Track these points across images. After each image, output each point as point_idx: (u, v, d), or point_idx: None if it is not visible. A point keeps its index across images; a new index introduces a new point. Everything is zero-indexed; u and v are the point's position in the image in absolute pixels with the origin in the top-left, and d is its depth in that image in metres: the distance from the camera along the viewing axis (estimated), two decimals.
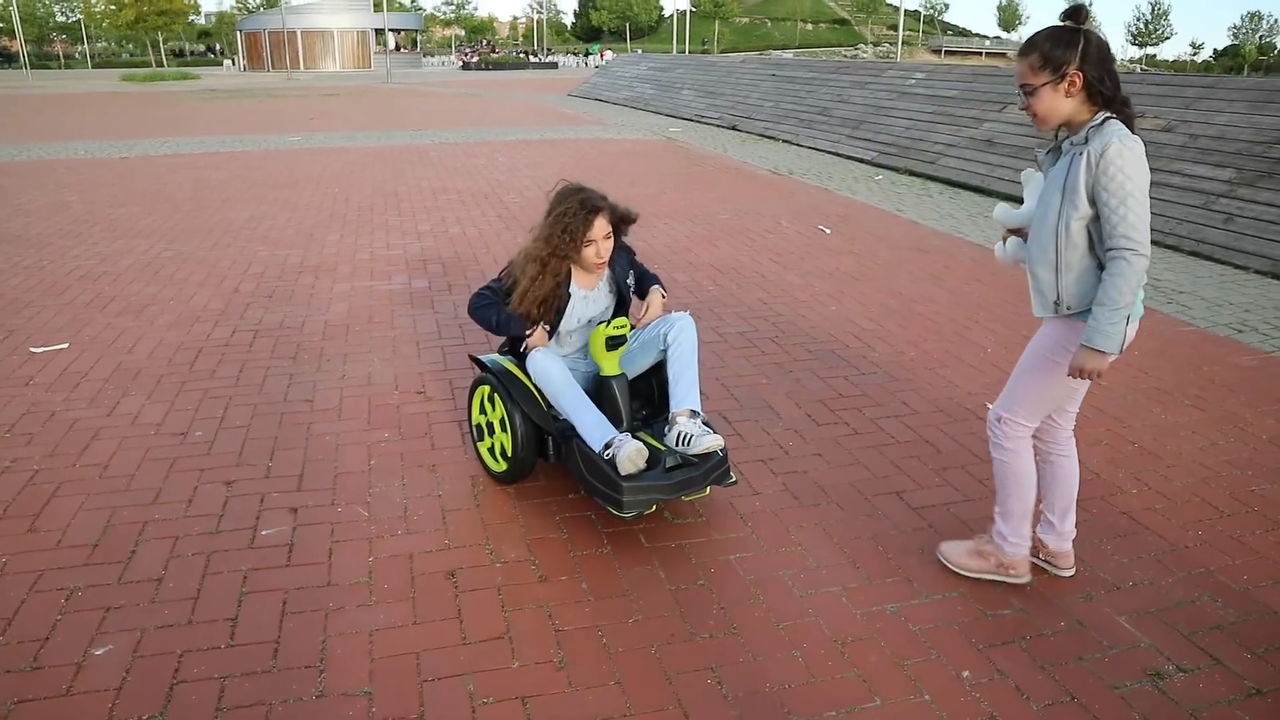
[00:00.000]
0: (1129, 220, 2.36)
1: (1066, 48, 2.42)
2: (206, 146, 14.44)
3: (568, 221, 3.12)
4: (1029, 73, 2.48)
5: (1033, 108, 2.51)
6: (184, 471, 3.51)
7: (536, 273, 3.15)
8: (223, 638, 2.55)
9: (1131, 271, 2.37)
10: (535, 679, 2.39)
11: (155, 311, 5.57)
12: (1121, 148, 2.36)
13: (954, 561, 2.90)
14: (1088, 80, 2.42)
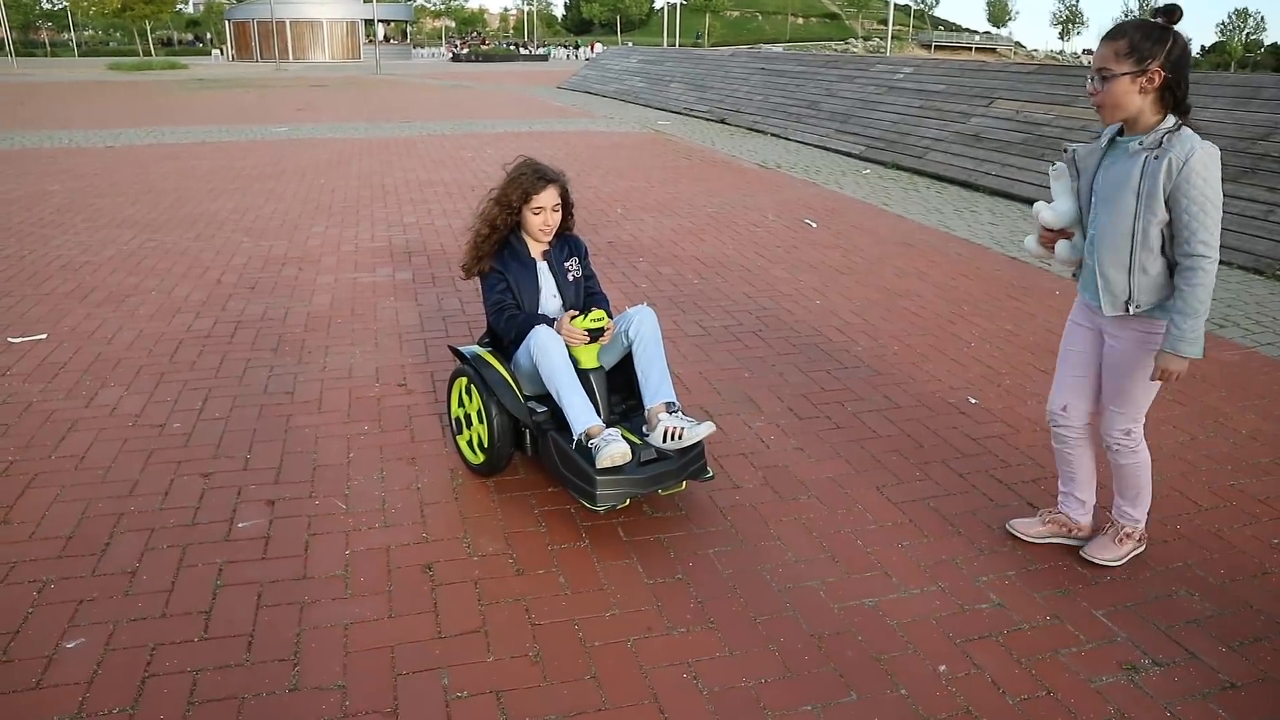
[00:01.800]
0: (1208, 227, 2.40)
1: (1156, 43, 2.41)
2: (193, 136, 14.34)
3: (521, 182, 3.31)
4: (1112, 58, 2.44)
5: (1104, 95, 2.48)
6: (161, 463, 3.48)
7: (488, 231, 3.37)
8: (196, 631, 2.52)
9: (1209, 278, 2.43)
10: (510, 673, 2.38)
11: (136, 302, 5.52)
12: (1205, 156, 2.39)
13: (1107, 558, 2.92)
14: (1166, 81, 2.42)
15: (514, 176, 3.35)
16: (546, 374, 3.08)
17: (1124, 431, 2.79)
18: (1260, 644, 2.55)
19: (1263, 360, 4.82)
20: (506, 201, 3.33)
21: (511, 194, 3.32)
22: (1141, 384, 2.70)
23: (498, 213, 3.35)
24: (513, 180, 3.34)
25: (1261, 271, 6.65)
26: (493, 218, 3.36)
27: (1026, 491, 3.38)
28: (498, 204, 3.35)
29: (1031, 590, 2.78)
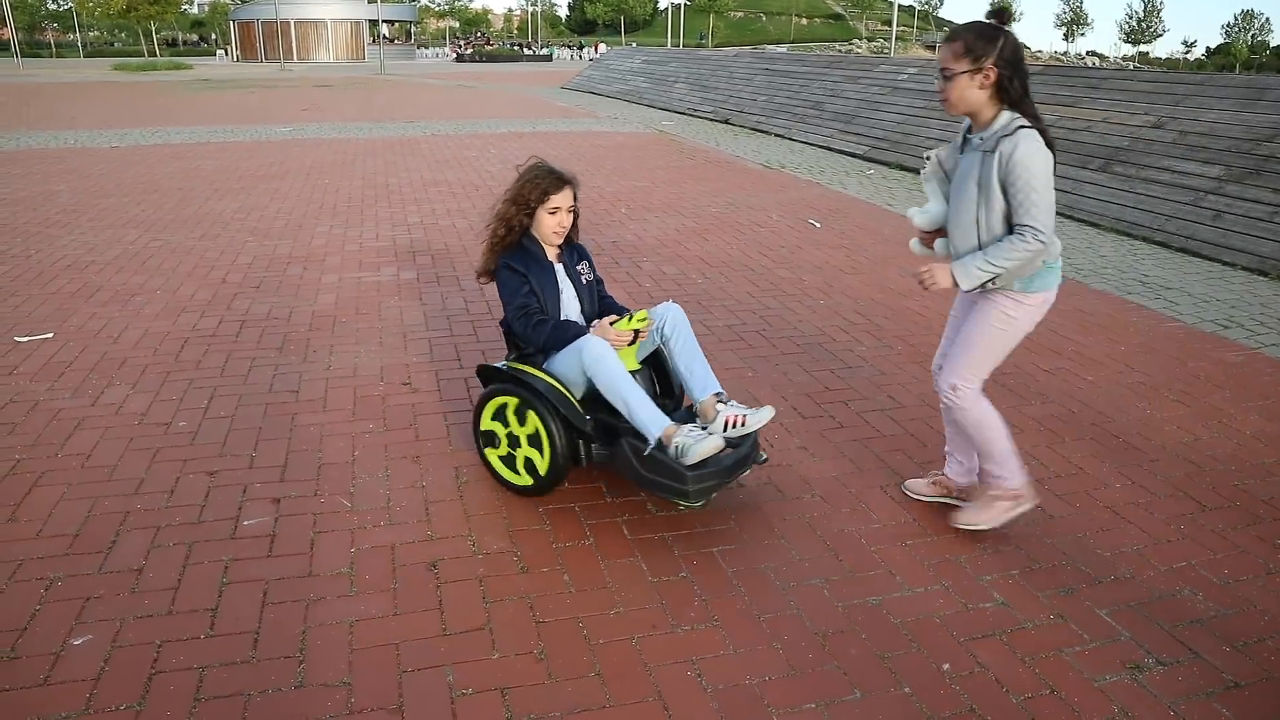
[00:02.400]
0: (1036, 207, 2.63)
1: (989, 43, 2.66)
2: (197, 137, 14.37)
3: (539, 181, 3.25)
4: (951, 58, 2.71)
5: (947, 92, 2.75)
6: (167, 461, 3.49)
7: (504, 232, 3.31)
8: (202, 628, 2.54)
9: (1025, 247, 2.65)
10: (515, 670, 2.39)
11: (141, 301, 5.54)
12: (1028, 148, 2.62)
13: (978, 521, 3.05)
14: (1000, 77, 2.67)
15: (530, 176, 3.28)
16: (608, 383, 3.02)
17: (950, 386, 2.96)
18: (1264, 643, 2.55)
19: (1266, 361, 4.82)
20: (524, 200, 3.25)
21: (530, 193, 3.24)
22: (978, 345, 2.91)
23: (514, 212, 3.27)
24: (530, 180, 3.26)
25: (1266, 273, 6.64)
26: (509, 217, 3.29)
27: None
28: (514, 203, 3.27)
29: (1035, 589, 2.78)
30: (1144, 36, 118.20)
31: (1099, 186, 8.82)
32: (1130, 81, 10.42)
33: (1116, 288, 6.17)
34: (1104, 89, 10.44)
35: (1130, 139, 9.17)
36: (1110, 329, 5.28)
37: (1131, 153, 8.97)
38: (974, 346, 2.92)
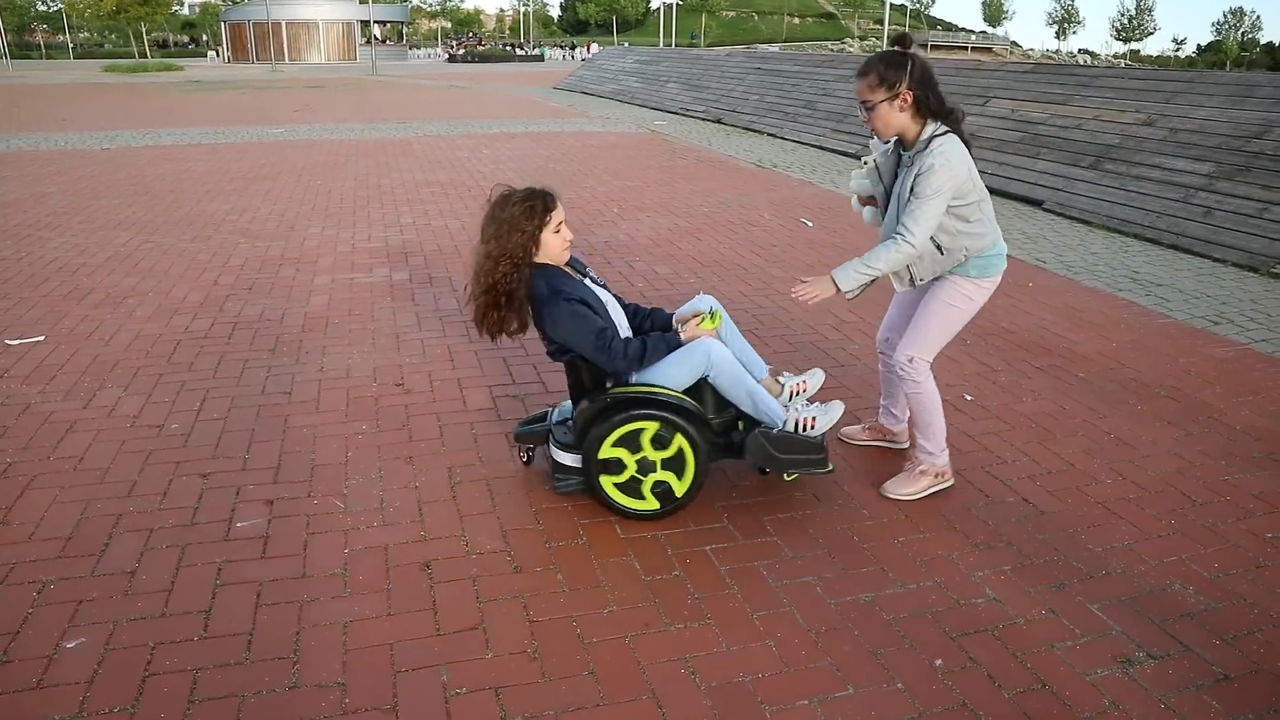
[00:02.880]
0: (916, 217, 2.89)
1: (899, 69, 2.89)
2: (189, 138, 14.34)
3: (533, 204, 2.99)
4: (868, 91, 2.94)
5: (873, 121, 2.98)
6: (160, 464, 3.49)
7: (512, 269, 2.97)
8: (196, 630, 2.53)
9: (898, 251, 2.94)
10: (509, 669, 2.39)
11: (133, 304, 5.53)
12: (936, 164, 2.86)
13: (904, 492, 3.29)
14: (916, 97, 2.90)
15: (521, 202, 2.98)
16: (732, 380, 3.07)
17: (907, 358, 3.20)
18: (1253, 636, 2.57)
19: (1256, 356, 4.84)
20: (525, 229, 2.95)
21: (528, 220, 2.95)
22: (933, 322, 3.17)
23: (516, 245, 2.94)
24: (523, 206, 2.97)
25: (1256, 269, 6.68)
26: (512, 253, 2.95)
27: (1022, 487, 3.40)
28: (513, 236, 2.94)
29: (1027, 585, 2.80)
30: (1135, 34, 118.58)
31: (1090, 184, 8.85)
32: (1121, 79, 10.46)
33: (1108, 284, 6.20)
34: (1095, 87, 10.47)
35: (1121, 136, 9.21)
36: (1101, 325, 5.30)
37: (1122, 150, 9.01)
38: (931, 324, 3.17)
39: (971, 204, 3.00)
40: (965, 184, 2.94)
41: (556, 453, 3.19)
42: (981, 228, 3.05)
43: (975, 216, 3.02)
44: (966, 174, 2.94)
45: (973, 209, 3.01)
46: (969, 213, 3.01)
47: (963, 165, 2.91)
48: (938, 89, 2.94)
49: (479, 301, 3.05)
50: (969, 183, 2.96)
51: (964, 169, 2.92)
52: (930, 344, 3.20)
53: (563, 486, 3.19)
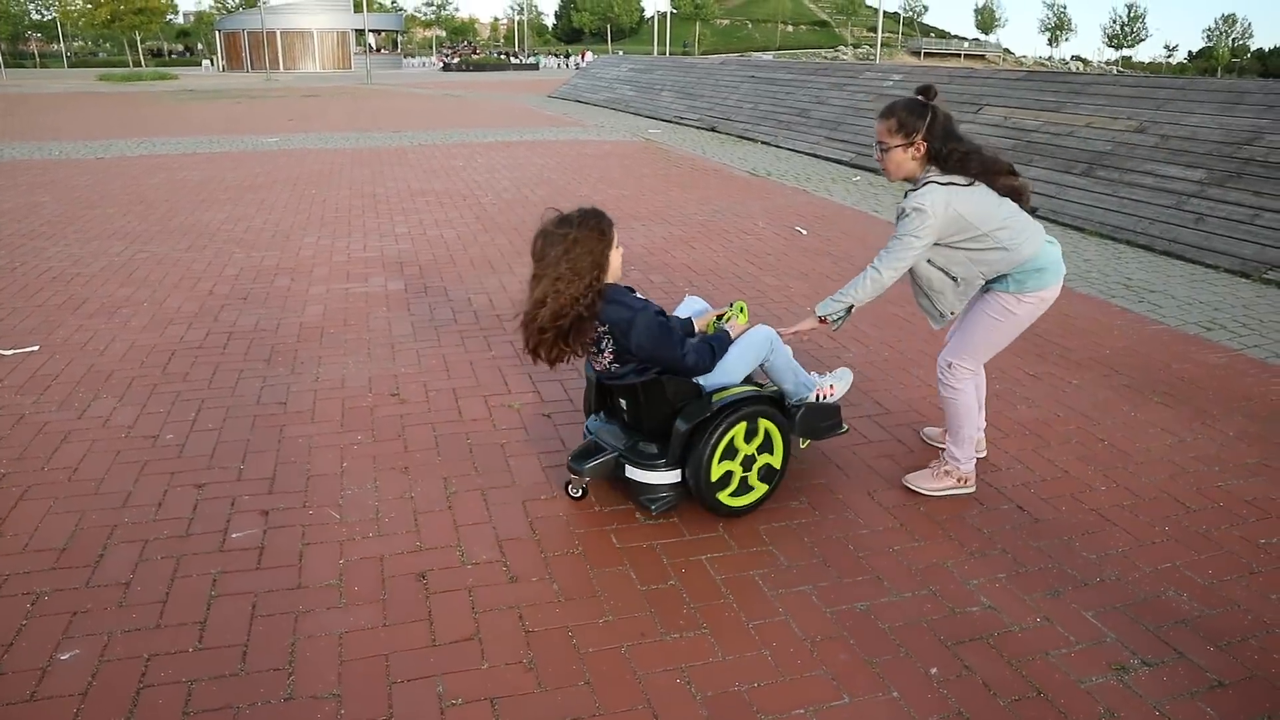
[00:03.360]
0: (891, 251, 3.12)
1: (918, 119, 3.04)
2: (183, 148, 14.34)
3: (602, 225, 2.96)
4: (886, 133, 3.10)
5: (885, 162, 3.16)
6: (154, 475, 3.49)
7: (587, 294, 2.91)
8: (191, 641, 2.53)
9: (866, 284, 3.17)
10: (505, 680, 2.39)
11: (128, 314, 5.52)
12: (918, 208, 3.03)
13: (925, 488, 3.40)
14: (930, 148, 3.05)
15: (588, 225, 2.93)
16: (785, 363, 3.39)
17: (946, 364, 3.35)
18: (1247, 643, 2.58)
19: (1249, 362, 4.86)
20: (599, 252, 2.93)
21: (600, 245, 2.92)
22: (976, 333, 3.30)
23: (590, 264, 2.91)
24: (594, 229, 2.92)
25: (1248, 275, 6.71)
26: (586, 274, 2.90)
27: (1016, 495, 3.41)
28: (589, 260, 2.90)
29: (1022, 592, 2.80)
30: (1127, 41, 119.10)
31: (1083, 191, 8.89)
32: (1112, 86, 10.51)
33: (1100, 291, 6.22)
34: (1086, 94, 10.53)
35: (1113, 143, 9.25)
36: (1095, 332, 5.32)
37: (1114, 157, 9.05)
38: (973, 335, 3.31)
39: (975, 237, 3.08)
40: (956, 224, 3.05)
41: (642, 475, 3.10)
42: (999, 254, 3.11)
43: (987, 245, 3.10)
44: (956, 216, 3.03)
45: (982, 239, 3.09)
46: (976, 243, 3.10)
47: (948, 210, 3.02)
48: (960, 140, 3.07)
49: (549, 329, 2.92)
50: (962, 222, 3.05)
51: (950, 213, 3.02)
52: (971, 353, 3.32)
53: (661, 506, 3.13)
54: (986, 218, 3.07)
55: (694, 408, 3.07)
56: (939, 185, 3.04)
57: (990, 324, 3.25)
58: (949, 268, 3.17)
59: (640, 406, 3.11)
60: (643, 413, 3.12)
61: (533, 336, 2.98)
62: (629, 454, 3.13)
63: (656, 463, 3.08)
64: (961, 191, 3.05)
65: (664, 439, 3.10)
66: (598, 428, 3.31)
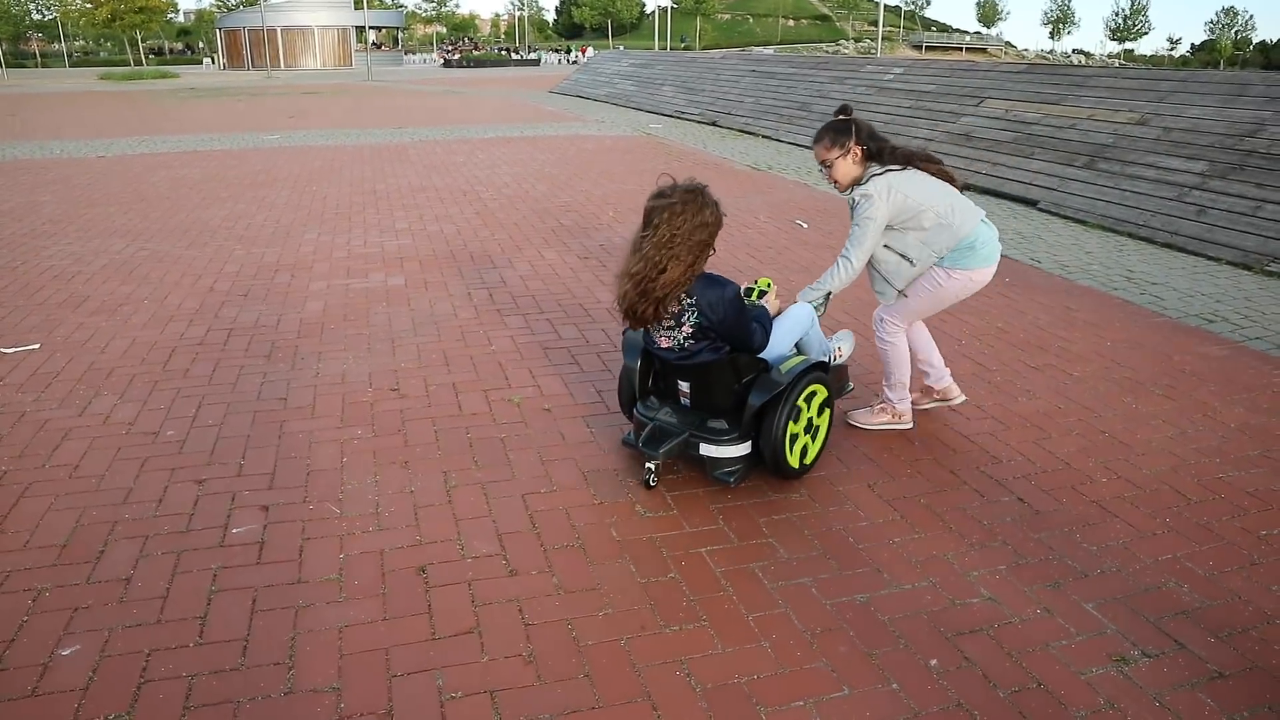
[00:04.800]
0: (854, 239, 3.55)
1: (844, 134, 3.54)
2: (184, 145, 14.34)
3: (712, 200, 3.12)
4: (825, 152, 3.58)
5: (834, 176, 3.60)
6: (155, 471, 3.49)
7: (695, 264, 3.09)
8: (191, 636, 2.53)
9: (840, 272, 3.58)
10: (504, 673, 2.39)
11: (129, 311, 5.53)
12: (865, 194, 3.49)
13: (863, 422, 3.90)
14: (866, 150, 3.54)
15: (712, 202, 3.10)
16: (817, 336, 3.69)
17: (879, 318, 3.85)
18: (1248, 634, 2.57)
19: (1251, 354, 4.85)
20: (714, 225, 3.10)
21: (715, 219, 3.09)
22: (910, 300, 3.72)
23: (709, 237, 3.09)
24: (716, 207, 3.09)
25: (1250, 267, 6.69)
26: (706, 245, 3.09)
27: (1017, 487, 3.40)
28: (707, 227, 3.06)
29: (1022, 584, 2.80)
30: (1129, 34, 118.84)
31: (1084, 184, 8.87)
32: (1114, 79, 10.48)
33: (1102, 283, 6.21)
34: (1088, 87, 10.50)
35: (1115, 136, 9.23)
36: (1096, 324, 5.31)
37: (1116, 149, 9.03)
38: (906, 298, 3.74)
39: (918, 214, 3.52)
40: (901, 205, 3.49)
41: (717, 450, 3.27)
42: (945, 231, 3.55)
43: (931, 222, 3.54)
44: (901, 198, 3.48)
45: (925, 216, 3.53)
46: (921, 221, 3.54)
47: (892, 192, 3.47)
48: (880, 138, 3.60)
49: (667, 289, 3.05)
50: (907, 202, 3.49)
51: (896, 195, 3.47)
52: (902, 312, 3.79)
53: (738, 478, 3.31)
54: (928, 194, 3.52)
55: (765, 381, 3.27)
56: (878, 175, 3.51)
57: (921, 292, 3.68)
58: (905, 251, 3.60)
59: (710, 385, 3.29)
60: (714, 390, 3.29)
61: (641, 300, 3.09)
62: (699, 432, 3.29)
63: (728, 437, 3.25)
64: (899, 176, 3.50)
65: (730, 414, 3.28)
66: (653, 412, 3.42)
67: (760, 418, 3.25)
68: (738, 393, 3.27)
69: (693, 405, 3.35)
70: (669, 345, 3.24)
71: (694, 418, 3.32)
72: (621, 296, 3.15)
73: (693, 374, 3.28)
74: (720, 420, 3.29)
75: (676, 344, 3.22)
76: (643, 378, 3.48)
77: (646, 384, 3.51)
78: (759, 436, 3.26)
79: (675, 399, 3.40)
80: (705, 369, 3.24)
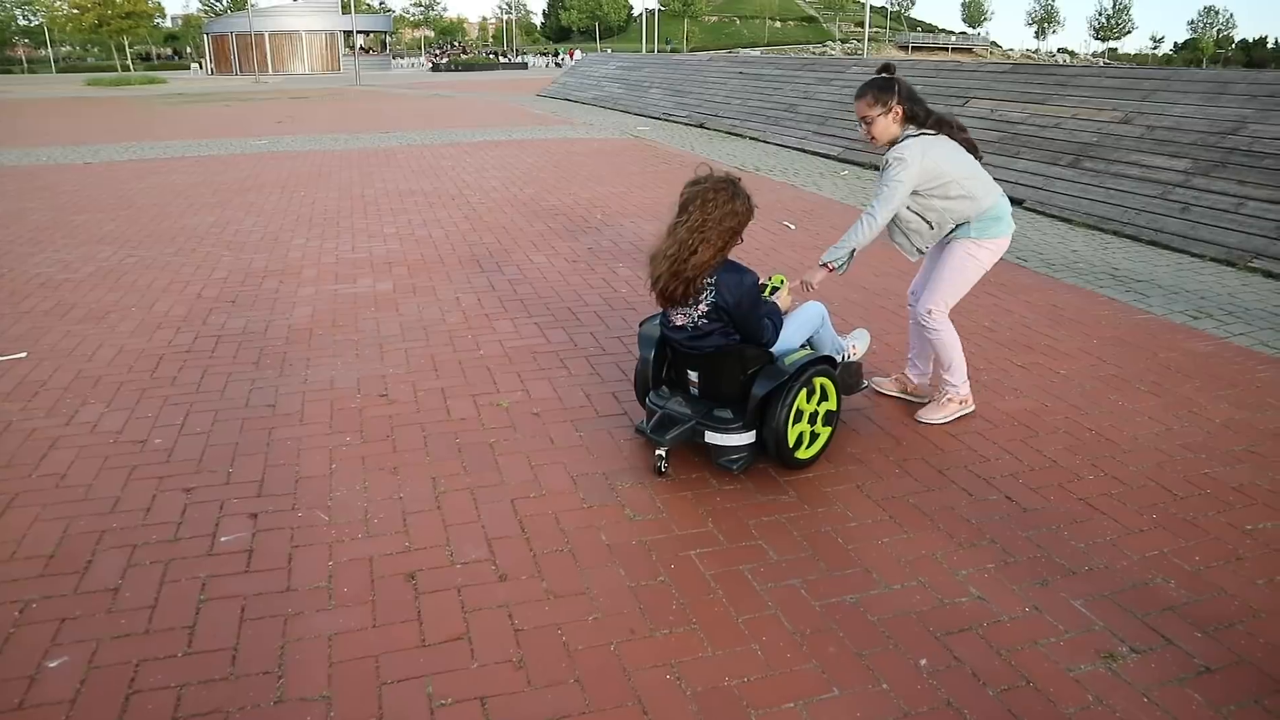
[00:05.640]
0: (881, 197, 3.65)
1: (888, 91, 3.61)
2: (172, 151, 14.29)
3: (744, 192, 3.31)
4: (867, 109, 3.64)
5: (872, 132, 3.68)
6: (143, 479, 3.48)
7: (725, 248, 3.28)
8: (180, 646, 2.52)
9: (864, 227, 3.69)
10: (494, 679, 2.39)
11: (116, 319, 5.51)
12: (899, 157, 3.59)
13: (934, 418, 3.95)
14: (906, 110, 3.62)
15: (747, 196, 3.29)
16: (830, 333, 3.78)
17: (926, 310, 3.86)
18: (1234, 628, 2.59)
19: (1235, 350, 4.88)
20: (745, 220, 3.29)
21: (749, 216, 3.29)
22: (945, 278, 3.82)
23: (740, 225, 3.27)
24: (748, 201, 3.28)
25: (1233, 264, 6.73)
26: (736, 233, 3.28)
27: (1005, 485, 3.42)
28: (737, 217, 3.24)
29: (1010, 582, 2.81)
30: (1113, 33, 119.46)
31: (1070, 182, 8.91)
32: (1098, 78, 10.54)
33: (1088, 281, 6.24)
34: (1072, 86, 10.55)
35: (1099, 134, 9.28)
36: (1082, 322, 5.34)
37: (1101, 148, 9.07)
38: (944, 280, 3.82)
39: (945, 184, 3.63)
40: (931, 172, 3.60)
41: (721, 438, 3.38)
42: (967, 202, 3.68)
43: (957, 193, 3.65)
44: (933, 165, 3.59)
45: (951, 186, 3.64)
46: (947, 190, 3.65)
47: (925, 159, 3.58)
48: (922, 102, 3.68)
49: (698, 270, 3.22)
50: (937, 170, 3.61)
51: (927, 161, 3.58)
52: (944, 296, 3.84)
53: (741, 465, 3.42)
54: (956, 165, 3.65)
55: (769, 371, 3.37)
56: (914, 138, 3.61)
57: (957, 269, 3.79)
58: (925, 213, 3.71)
59: (718, 375, 3.40)
60: (722, 379, 3.40)
61: (673, 280, 3.25)
62: (706, 420, 3.39)
63: (733, 426, 3.35)
64: (933, 142, 3.62)
65: (736, 404, 3.38)
66: (664, 401, 3.53)
67: (764, 407, 3.34)
68: (744, 383, 3.37)
69: (701, 395, 3.47)
70: (683, 323, 3.36)
71: (702, 407, 3.44)
72: (655, 277, 3.30)
73: (702, 363, 3.40)
74: (726, 410, 3.40)
75: (691, 321, 3.34)
76: (656, 368, 3.60)
77: (660, 375, 3.63)
78: (762, 426, 3.36)
79: (685, 389, 3.52)
80: (713, 359, 3.37)
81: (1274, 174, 7.28)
